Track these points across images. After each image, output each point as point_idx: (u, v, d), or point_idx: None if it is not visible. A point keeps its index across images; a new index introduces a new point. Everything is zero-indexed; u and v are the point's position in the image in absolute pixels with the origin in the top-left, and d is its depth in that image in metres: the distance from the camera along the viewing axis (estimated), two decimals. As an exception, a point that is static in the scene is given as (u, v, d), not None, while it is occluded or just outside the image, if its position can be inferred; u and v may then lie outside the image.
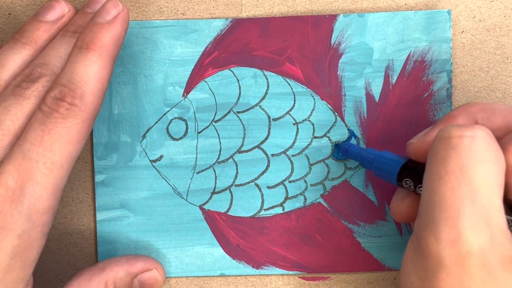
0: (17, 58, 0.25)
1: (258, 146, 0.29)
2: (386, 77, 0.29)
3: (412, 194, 0.25)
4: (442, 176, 0.20)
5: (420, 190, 0.23)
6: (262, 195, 0.29)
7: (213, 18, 0.29)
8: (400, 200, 0.25)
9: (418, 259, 0.21)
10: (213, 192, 0.29)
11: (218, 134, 0.29)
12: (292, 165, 0.29)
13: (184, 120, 0.29)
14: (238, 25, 0.29)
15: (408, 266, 0.22)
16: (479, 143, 0.20)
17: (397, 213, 0.25)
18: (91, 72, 0.24)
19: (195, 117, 0.29)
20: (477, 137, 0.20)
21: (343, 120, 0.29)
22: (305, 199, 0.29)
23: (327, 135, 0.29)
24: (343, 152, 0.28)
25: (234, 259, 0.29)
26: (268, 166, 0.29)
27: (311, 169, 0.29)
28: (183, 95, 0.29)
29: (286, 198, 0.29)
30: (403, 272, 0.22)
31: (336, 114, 0.29)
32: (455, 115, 0.24)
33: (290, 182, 0.29)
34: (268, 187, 0.29)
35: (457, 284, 0.20)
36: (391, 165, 0.25)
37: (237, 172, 0.29)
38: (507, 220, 0.20)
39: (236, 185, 0.29)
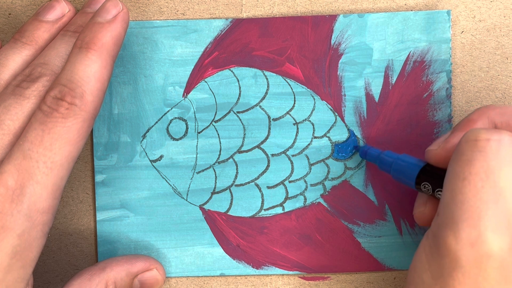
0: (17, 58, 0.25)
1: (258, 146, 0.29)
2: (386, 77, 0.29)
3: (433, 199, 0.25)
4: (466, 177, 0.20)
5: (439, 194, 0.24)
6: (262, 195, 0.29)
7: (213, 18, 0.29)
8: (423, 206, 0.25)
9: (434, 257, 0.21)
10: (213, 192, 0.29)
11: (218, 134, 0.29)
12: (292, 165, 0.29)
13: (184, 120, 0.29)
14: (238, 25, 0.29)
15: (421, 264, 0.22)
16: (506, 147, 0.20)
17: (421, 218, 0.25)
18: (91, 71, 0.24)
19: (195, 117, 0.29)
20: (504, 141, 0.21)
21: (343, 120, 0.29)
22: (305, 199, 0.29)
23: (327, 135, 0.29)
24: (362, 153, 0.28)
25: (234, 259, 0.29)
26: (268, 166, 0.29)
27: (311, 169, 0.29)
28: (183, 95, 0.29)
29: (286, 198, 0.29)
30: (414, 270, 0.22)
31: (336, 114, 0.29)
32: (474, 120, 0.24)
33: (290, 182, 0.29)
34: (268, 187, 0.29)
35: (472, 285, 0.20)
36: (410, 168, 0.25)
37: (237, 172, 0.29)
38: None
39: (236, 185, 0.29)
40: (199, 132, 0.29)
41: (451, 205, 0.21)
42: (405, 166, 0.25)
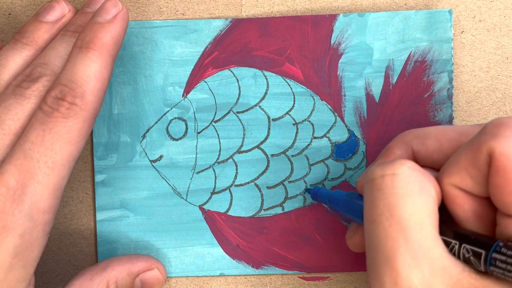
0: (17, 58, 0.26)
1: (257, 146, 0.29)
2: (387, 77, 0.29)
3: (361, 227, 0.25)
4: (375, 219, 0.20)
5: None
6: (261, 195, 0.29)
7: (213, 18, 0.29)
8: (352, 232, 0.26)
9: None
10: (213, 192, 0.29)
11: (217, 134, 0.29)
12: (291, 166, 0.29)
13: (184, 120, 0.29)
14: (237, 25, 0.29)
15: None
16: (401, 179, 0.20)
17: (351, 244, 0.26)
18: (91, 71, 0.24)
19: (195, 117, 0.29)
20: (399, 173, 0.20)
21: (343, 120, 0.29)
22: (305, 199, 0.29)
23: (327, 135, 0.29)
24: (313, 195, 0.28)
25: (234, 259, 0.29)
26: (267, 166, 0.29)
27: (310, 169, 0.29)
28: (183, 95, 0.29)
29: (286, 198, 0.29)
30: None
31: (336, 114, 0.29)
32: (392, 147, 0.24)
33: (289, 182, 0.29)
34: (268, 187, 0.29)
35: None
36: (358, 206, 0.24)
37: (236, 172, 0.29)
38: (451, 243, 0.20)
39: (236, 185, 0.29)
40: (198, 132, 0.29)
41: (370, 250, 0.21)
42: (353, 204, 0.25)
